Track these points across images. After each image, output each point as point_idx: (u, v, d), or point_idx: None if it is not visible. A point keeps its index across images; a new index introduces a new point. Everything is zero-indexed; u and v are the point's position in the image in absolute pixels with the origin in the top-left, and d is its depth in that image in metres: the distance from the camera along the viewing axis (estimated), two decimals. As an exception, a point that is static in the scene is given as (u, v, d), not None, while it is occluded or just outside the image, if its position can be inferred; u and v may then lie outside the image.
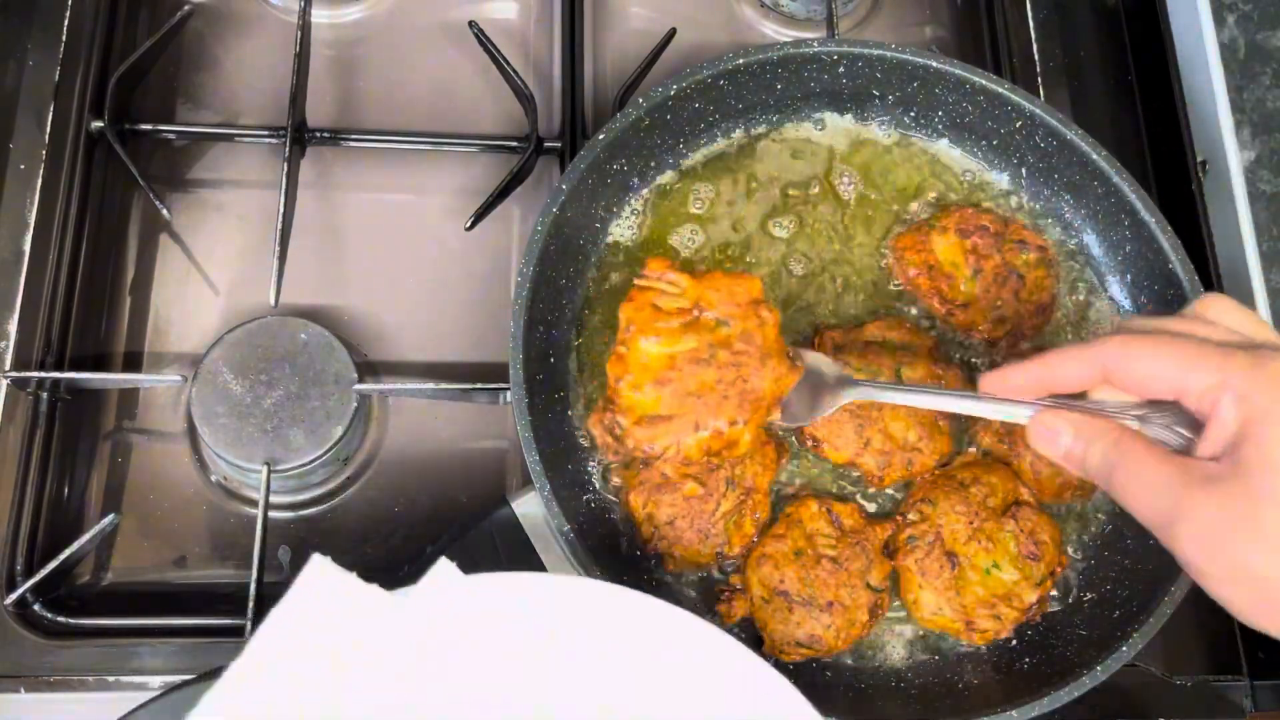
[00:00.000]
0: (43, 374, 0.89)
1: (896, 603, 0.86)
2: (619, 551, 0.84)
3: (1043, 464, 0.86)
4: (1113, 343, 0.63)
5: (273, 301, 0.90)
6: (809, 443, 0.87)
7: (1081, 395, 0.67)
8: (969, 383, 0.88)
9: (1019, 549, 0.83)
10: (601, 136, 0.87)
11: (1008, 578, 0.83)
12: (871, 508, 0.88)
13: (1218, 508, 0.57)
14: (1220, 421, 0.59)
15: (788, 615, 0.81)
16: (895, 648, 0.86)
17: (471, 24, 1.02)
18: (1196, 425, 0.61)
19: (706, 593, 0.85)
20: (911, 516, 0.85)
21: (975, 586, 0.83)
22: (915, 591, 0.84)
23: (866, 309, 0.92)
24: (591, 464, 0.87)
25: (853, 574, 0.82)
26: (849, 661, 0.85)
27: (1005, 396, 0.68)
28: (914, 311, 0.92)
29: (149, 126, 1.01)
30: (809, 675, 0.83)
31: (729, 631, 0.83)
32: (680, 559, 0.83)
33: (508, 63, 1.00)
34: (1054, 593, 0.86)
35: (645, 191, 0.93)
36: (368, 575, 0.91)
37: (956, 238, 0.90)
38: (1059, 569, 0.85)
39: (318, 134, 1.02)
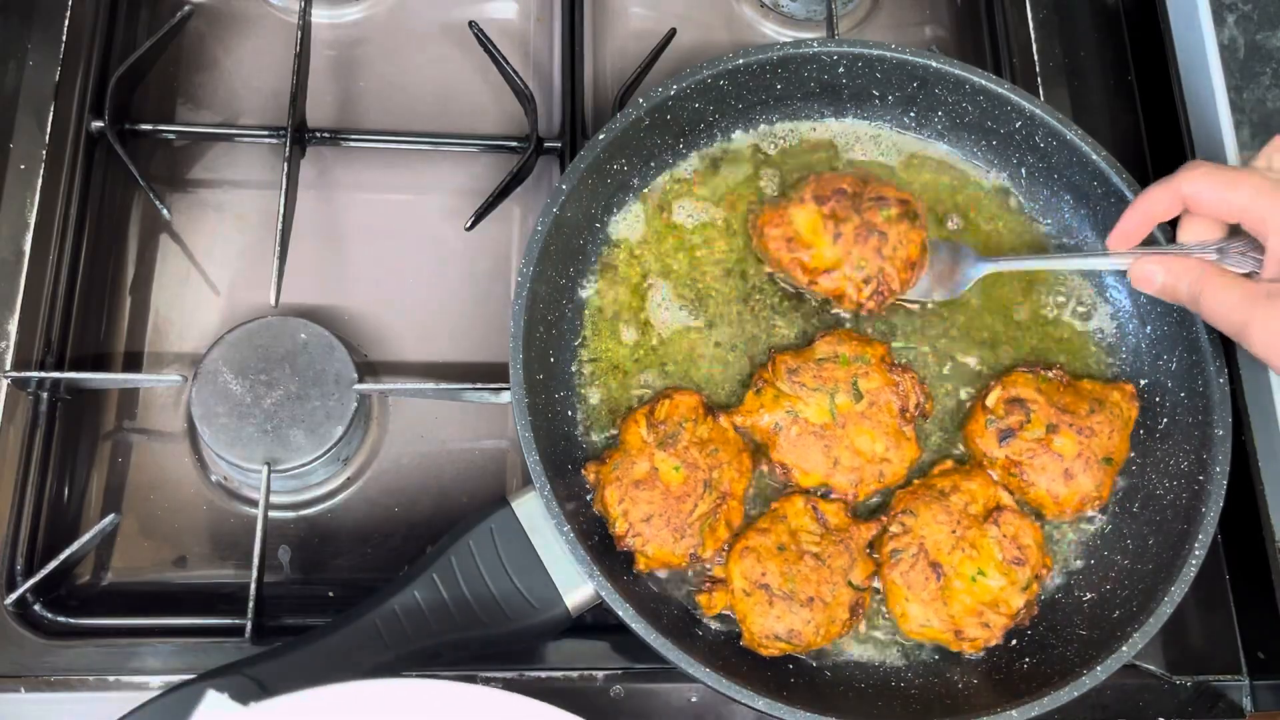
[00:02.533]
0: (43, 374, 0.89)
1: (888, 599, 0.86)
2: (620, 552, 0.84)
3: (1060, 485, 0.85)
4: (1197, 173, 0.79)
5: (273, 301, 0.90)
6: (778, 470, 0.86)
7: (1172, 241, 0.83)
8: (922, 384, 0.88)
9: (1003, 555, 0.83)
10: (601, 136, 0.87)
11: (994, 584, 0.83)
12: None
13: (1278, 315, 0.75)
14: (1277, 248, 0.76)
15: (768, 609, 0.81)
16: (895, 648, 0.86)
17: (471, 24, 1.02)
18: (1261, 250, 0.77)
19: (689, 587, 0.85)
20: (894, 529, 0.85)
21: (962, 595, 0.83)
22: (902, 605, 0.83)
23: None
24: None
25: (835, 571, 0.82)
26: (849, 661, 0.85)
27: (1117, 250, 0.84)
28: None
29: (149, 126, 1.01)
30: (808, 675, 0.83)
31: (706, 623, 0.83)
32: (652, 557, 0.82)
33: (508, 63, 1.00)
34: (1041, 595, 0.86)
35: (645, 191, 0.93)
36: (367, 575, 0.92)
37: (814, 204, 0.86)
38: (1044, 571, 0.85)
39: (318, 134, 1.02)
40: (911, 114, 0.96)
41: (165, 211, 0.97)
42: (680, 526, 0.81)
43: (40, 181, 0.95)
